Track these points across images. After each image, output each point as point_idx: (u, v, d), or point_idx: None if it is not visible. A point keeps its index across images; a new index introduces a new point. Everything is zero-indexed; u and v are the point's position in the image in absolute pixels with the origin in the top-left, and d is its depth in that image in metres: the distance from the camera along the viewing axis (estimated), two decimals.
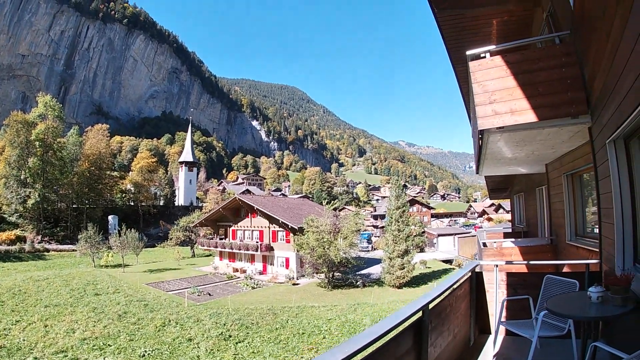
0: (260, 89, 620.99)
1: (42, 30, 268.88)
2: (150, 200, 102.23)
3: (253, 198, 60.32)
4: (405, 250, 39.73)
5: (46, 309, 29.00)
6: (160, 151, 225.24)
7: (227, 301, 32.85)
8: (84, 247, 53.33)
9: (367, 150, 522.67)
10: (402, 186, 44.41)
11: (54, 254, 65.44)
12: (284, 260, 48.19)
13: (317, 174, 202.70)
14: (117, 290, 36.40)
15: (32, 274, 42.47)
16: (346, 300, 34.11)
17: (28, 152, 72.97)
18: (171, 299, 33.57)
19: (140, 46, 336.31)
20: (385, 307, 31.40)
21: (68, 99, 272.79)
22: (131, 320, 26.67)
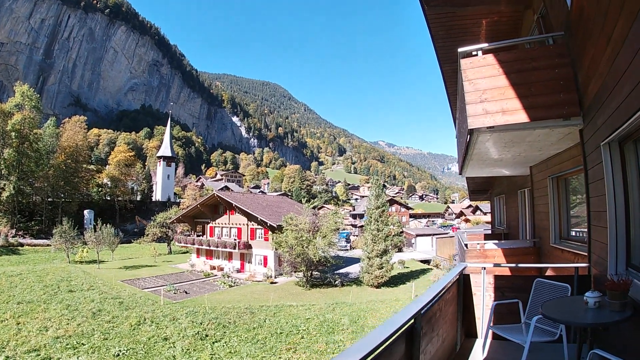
0: (241, 85, 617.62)
1: (22, 18, 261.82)
2: (127, 195, 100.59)
3: (232, 195, 59.75)
4: (384, 249, 39.75)
5: (19, 306, 28.18)
6: (139, 145, 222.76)
7: (204, 299, 32.43)
8: (58, 242, 51.94)
9: (347, 150, 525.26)
10: (382, 186, 44.50)
11: (28, 249, 63.72)
12: (262, 258, 47.81)
13: (297, 172, 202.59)
14: (91, 287, 35.61)
15: (4, 269, 41.41)
16: (324, 299, 33.92)
17: (3, 142, 70.91)
18: (147, 297, 32.96)
19: (121, 37, 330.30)
20: (364, 306, 31.35)
21: (46, 89, 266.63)
22: (106, 319, 26.04)
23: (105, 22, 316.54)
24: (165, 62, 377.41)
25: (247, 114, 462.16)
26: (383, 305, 32.15)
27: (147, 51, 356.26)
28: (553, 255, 9.21)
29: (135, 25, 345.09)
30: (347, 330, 24.96)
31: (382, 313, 29.52)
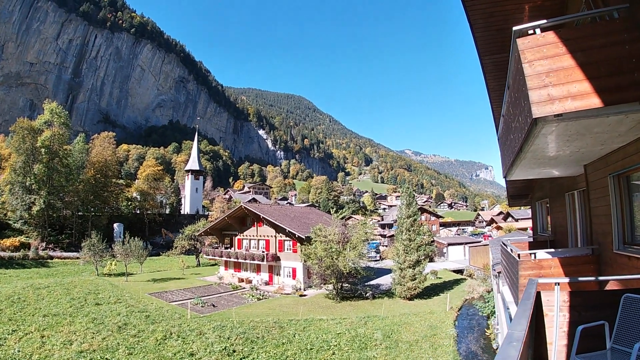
0: (266, 98, 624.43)
1: (50, 39, 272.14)
2: (156, 209, 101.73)
3: (259, 207, 59.22)
4: (417, 260, 38.35)
5: (44, 319, 27.99)
6: (167, 160, 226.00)
7: (232, 313, 31.74)
8: (87, 255, 52.46)
9: (373, 159, 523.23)
10: (412, 194, 43.04)
11: (58, 262, 64.57)
12: (291, 270, 47.06)
13: (324, 182, 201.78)
14: (118, 300, 35.40)
15: (33, 282, 41.59)
16: (355, 312, 32.81)
17: (34, 158, 72.61)
18: (174, 310, 32.48)
19: (147, 55, 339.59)
20: (397, 320, 30.15)
21: (76, 107, 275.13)
22: (131, 333, 25.61)
23: (132, 41, 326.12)
24: (191, 79, 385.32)
25: (272, 127, 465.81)
26: (417, 318, 30.87)
27: (173, 68, 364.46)
28: (617, 263, 8.11)
29: (161, 43, 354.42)
30: (380, 346, 23.88)
31: (416, 327, 28.28)
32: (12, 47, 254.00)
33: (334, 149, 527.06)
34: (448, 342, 25.06)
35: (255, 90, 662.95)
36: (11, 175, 73.98)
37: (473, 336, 28.45)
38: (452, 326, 29.08)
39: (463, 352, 24.52)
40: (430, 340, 25.30)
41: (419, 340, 25.22)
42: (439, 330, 27.66)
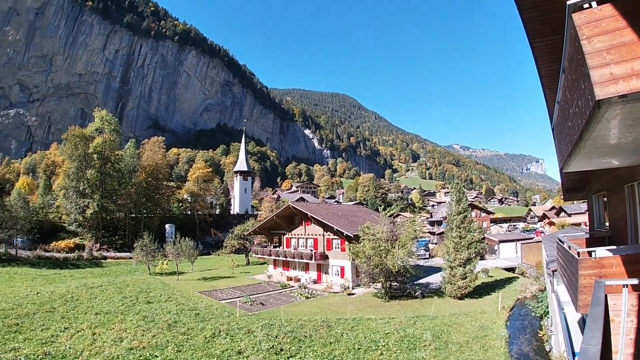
0: (311, 98, 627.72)
1: (97, 50, 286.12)
2: (206, 209, 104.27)
3: (307, 205, 59.26)
4: (468, 258, 37.09)
5: (96, 317, 28.92)
6: (216, 162, 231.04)
7: (280, 311, 31.81)
8: (139, 255, 54.21)
9: (420, 155, 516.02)
10: (462, 190, 41.71)
11: (111, 262, 67.41)
12: (339, 269, 46.76)
13: (371, 180, 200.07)
14: (169, 299, 36.22)
15: (86, 281, 43.22)
16: (404, 312, 32.18)
17: (86, 164, 76.09)
18: (223, 308, 32.92)
19: (192, 61, 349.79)
20: (447, 320, 29.29)
21: (125, 114, 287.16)
22: (181, 330, 26.01)
23: (176, 48, 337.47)
24: (237, 82, 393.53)
25: (318, 126, 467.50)
26: (468, 318, 29.88)
27: (218, 73, 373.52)
28: None
29: (205, 49, 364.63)
30: (429, 347, 23.20)
31: (467, 327, 27.36)
32: (60, 59, 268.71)
33: (380, 146, 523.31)
34: (499, 343, 24.09)
35: (299, 91, 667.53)
36: (65, 181, 78.14)
37: (525, 337, 27.28)
38: (503, 327, 27.96)
39: (515, 354, 23.51)
40: (481, 342, 24.40)
41: (469, 341, 24.37)
42: (490, 331, 26.66)
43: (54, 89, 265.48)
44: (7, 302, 30.68)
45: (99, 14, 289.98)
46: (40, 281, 45.18)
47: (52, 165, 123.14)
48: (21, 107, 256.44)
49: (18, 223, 61.74)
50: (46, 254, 64.97)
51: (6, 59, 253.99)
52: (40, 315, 28.28)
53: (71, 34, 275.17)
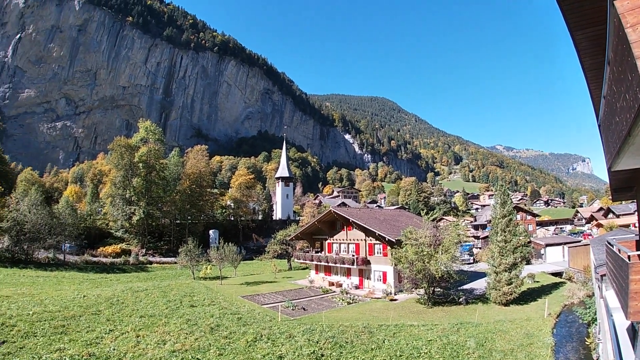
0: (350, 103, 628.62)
1: (139, 63, 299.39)
2: (249, 215, 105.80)
3: (348, 210, 58.96)
4: (513, 263, 35.86)
5: (141, 319, 29.53)
6: (258, 168, 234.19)
7: (322, 317, 31.70)
8: (184, 259, 55.49)
9: (463, 157, 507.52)
10: (507, 192, 40.43)
11: (156, 266, 69.34)
12: (381, 274, 46.22)
13: (413, 184, 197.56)
14: (212, 303, 36.69)
15: (132, 285, 44.22)
16: (448, 318, 31.51)
17: (132, 173, 79.01)
18: (265, 313, 33.11)
19: (232, 71, 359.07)
20: (491, 327, 28.47)
21: (169, 124, 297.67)
22: (223, 334, 26.26)
23: (216, 58, 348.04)
24: (276, 90, 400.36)
25: (358, 131, 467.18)
26: (513, 325, 28.97)
27: (257, 81, 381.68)
28: None
29: (244, 58, 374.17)
30: (473, 355, 22.56)
31: (511, 335, 26.48)
32: (104, 73, 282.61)
33: (421, 149, 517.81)
34: (545, 351, 23.17)
35: (338, 96, 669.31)
36: (112, 189, 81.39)
37: (572, 345, 26.17)
38: (549, 334, 26.88)
39: None
40: (526, 350, 23.54)
41: (514, 350, 23.54)
42: (535, 338, 25.70)
43: (99, 102, 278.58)
44: (54, 304, 31.58)
45: (140, 28, 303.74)
46: (87, 285, 46.77)
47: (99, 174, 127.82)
48: (68, 120, 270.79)
49: (66, 229, 64.64)
50: (93, 258, 67.70)
51: (52, 74, 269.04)
52: (86, 317, 29.05)
53: (113, 49, 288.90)
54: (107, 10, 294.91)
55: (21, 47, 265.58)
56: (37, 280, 47.06)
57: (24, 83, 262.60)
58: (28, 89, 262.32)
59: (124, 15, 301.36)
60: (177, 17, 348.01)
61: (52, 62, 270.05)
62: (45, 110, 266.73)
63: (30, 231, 58.43)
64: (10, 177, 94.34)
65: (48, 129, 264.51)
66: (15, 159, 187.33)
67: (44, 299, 33.00)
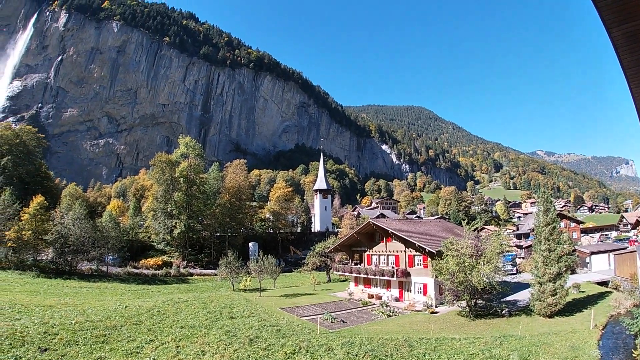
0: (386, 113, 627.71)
1: (178, 82, 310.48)
2: (288, 228, 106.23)
3: (387, 222, 58.47)
4: (558, 272, 34.63)
5: (181, 330, 29.96)
6: (296, 181, 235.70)
7: (361, 329, 31.43)
8: (224, 272, 56.58)
9: (503, 164, 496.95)
10: (549, 199, 39.11)
11: (197, 278, 70.63)
12: (422, 286, 45.50)
13: (452, 193, 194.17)
14: (251, 314, 36.94)
15: (173, 296, 45.07)
16: (490, 331, 30.70)
17: (173, 187, 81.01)
18: (304, 325, 33.12)
19: (268, 86, 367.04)
20: (535, 340, 27.56)
21: (208, 140, 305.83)
22: (262, 346, 26.40)
23: (252, 74, 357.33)
24: (312, 103, 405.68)
25: (395, 141, 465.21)
26: (557, 338, 27.99)
27: (293, 95, 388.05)
28: None
29: (279, 73, 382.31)
30: None
31: (556, 348, 25.52)
32: (144, 92, 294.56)
33: (460, 157, 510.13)
34: None
35: (374, 107, 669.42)
36: (154, 203, 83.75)
37: (618, 358, 25.03)
38: (595, 347, 25.75)
39: None
40: None
41: None
42: (581, 351, 24.67)
43: (140, 119, 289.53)
44: (96, 314, 32.35)
45: (177, 47, 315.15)
46: (129, 296, 48.09)
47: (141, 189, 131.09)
48: (110, 137, 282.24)
49: (109, 242, 66.90)
50: (135, 270, 69.72)
51: (93, 93, 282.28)
52: (127, 327, 29.67)
53: (152, 68, 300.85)
54: (144, 31, 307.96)
55: (63, 69, 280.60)
56: (80, 291, 48.73)
57: (66, 103, 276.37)
58: (71, 108, 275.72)
59: (161, 35, 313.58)
60: (212, 36, 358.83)
61: (94, 82, 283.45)
62: (88, 128, 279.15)
63: (75, 244, 60.92)
64: (55, 193, 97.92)
65: (91, 146, 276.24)
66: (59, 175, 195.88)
67: (87, 309, 33.89)
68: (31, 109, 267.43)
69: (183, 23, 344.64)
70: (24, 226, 59.35)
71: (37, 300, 36.66)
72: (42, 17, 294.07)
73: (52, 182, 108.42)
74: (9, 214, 62.09)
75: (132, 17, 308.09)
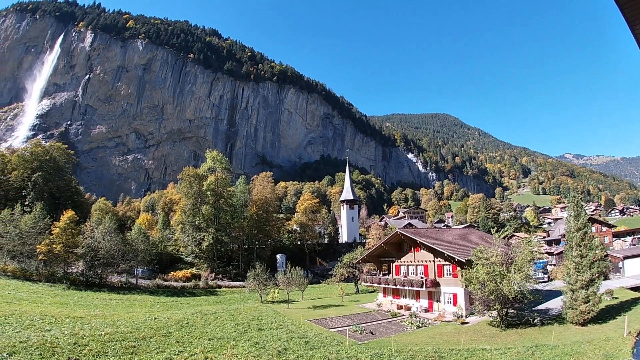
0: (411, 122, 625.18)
1: (203, 97, 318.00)
2: (315, 239, 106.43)
3: (415, 231, 58.05)
4: (590, 279, 33.94)
5: (210, 342, 30.19)
6: (322, 192, 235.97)
7: (390, 341, 31.36)
8: (252, 283, 57.25)
9: (531, 169, 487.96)
10: (580, 203, 38.39)
11: (225, 290, 71.39)
12: (452, 296, 45.05)
13: (481, 200, 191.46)
14: (280, 326, 37.06)
15: (201, 308, 45.42)
16: (522, 341, 30.24)
17: (201, 201, 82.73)
18: (332, 337, 33.12)
19: (292, 99, 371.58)
20: (568, 349, 27.09)
21: (235, 153, 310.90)
22: (290, 358, 26.58)
23: (275, 88, 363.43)
24: (336, 114, 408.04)
25: (421, 149, 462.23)
26: (591, 346, 27.43)
27: (317, 107, 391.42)
28: None
29: (303, 85, 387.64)
30: None
31: (589, 357, 25.09)
32: (170, 108, 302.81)
33: (487, 164, 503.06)
34: None
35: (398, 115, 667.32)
36: (182, 216, 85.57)
37: None
38: (630, 355, 25.17)
39: None
40: None
41: None
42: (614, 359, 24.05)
43: (167, 135, 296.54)
44: (126, 326, 32.82)
45: (201, 64, 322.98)
46: (158, 308, 48.90)
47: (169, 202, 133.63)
48: (138, 152, 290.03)
49: (138, 255, 68.67)
50: (164, 283, 70.93)
51: (121, 110, 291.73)
52: (156, 339, 30.07)
53: (178, 85, 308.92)
54: (169, 48, 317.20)
55: (90, 87, 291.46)
56: (110, 303, 49.72)
57: (95, 120, 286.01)
58: (99, 125, 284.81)
59: (185, 52, 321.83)
60: (235, 51, 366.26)
61: (121, 99, 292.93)
62: (116, 144, 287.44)
63: (104, 257, 62.52)
64: (85, 207, 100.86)
65: (120, 162, 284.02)
66: (89, 190, 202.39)
67: (116, 321, 34.45)
68: (60, 126, 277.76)
69: (206, 39, 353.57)
70: (54, 240, 61.05)
71: (67, 312, 37.28)
72: (69, 38, 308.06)
73: (82, 197, 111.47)
74: (40, 228, 64.20)
75: (157, 35, 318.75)
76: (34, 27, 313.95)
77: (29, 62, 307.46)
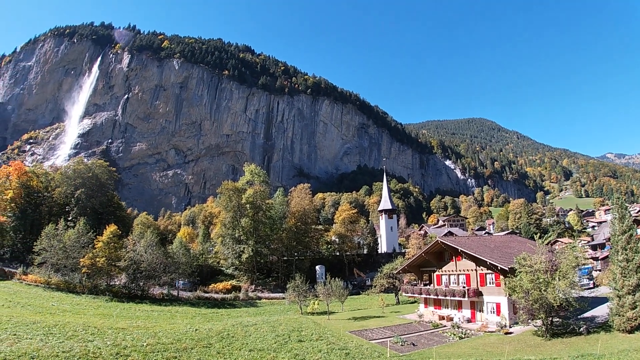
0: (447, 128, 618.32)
1: (239, 112, 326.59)
2: (354, 250, 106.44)
3: (456, 239, 57.45)
4: (637, 284, 32.79)
5: (250, 353, 30.71)
6: (360, 202, 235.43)
7: (432, 353, 31.30)
8: (292, 295, 58.02)
9: (572, 172, 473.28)
10: (624, 205, 37.25)
11: (265, 302, 72.57)
12: (495, 306, 44.33)
13: (522, 206, 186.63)
14: (320, 338, 37.23)
15: (242, 320, 46.31)
16: (567, 351, 29.68)
17: (240, 214, 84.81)
18: (373, 349, 33.18)
19: (326, 110, 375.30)
20: (614, 358, 26.45)
21: (272, 166, 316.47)
22: None
23: (310, 100, 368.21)
24: (371, 123, 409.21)
25: (459, 155, 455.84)
26: (638, 355, 26.64)
27: (352, 117, 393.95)
28: None
29: (337, 97, 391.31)
30: None
31: None
32: (208, 124, 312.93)
33: (527, 168, 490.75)
34: None
35: (434, 122, 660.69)
36: (222, 229, 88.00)
37: None
38: None
39: None
40: None
41: None
42: None
43: (205, 150, 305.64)
44: (167, 337, 33.61)
45: (236, 80, 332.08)
46: (199, 319, 50.07)
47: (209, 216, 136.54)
48: (178, 168, 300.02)
49: (180, 268, 70.56)
50: (205, 294, 72.74)
51: (160, 128, 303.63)
52: (197, 350, 30.74)
53: (214, 101, 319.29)
54: (204, 66, 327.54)
55: (129, 106, 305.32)
56: (152, 314, 51.17)
57: (135, 138, 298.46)
58: (140, 143, 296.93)
59: (220, 69, 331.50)
60: (269, 66, 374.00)
61: (160, 117, 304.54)
62: (156, 160, 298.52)
63: (146, 269, 64.80)
64: (127, 222, 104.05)
65: (160, 177, 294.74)
66: (131, 205, 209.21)
67: (158, 332, 35.32)
68: (102, 144, 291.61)
69: (240, 56, 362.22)
70: (97, 253, 63.77)
71: (109, 323, 38.49)
72: (106, 60, 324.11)
73: (124, 212, 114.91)
74: (83, 242, 66.93)
75: (192, 54, 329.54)
76: (72, 50, 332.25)
77: (68, 84, 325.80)
